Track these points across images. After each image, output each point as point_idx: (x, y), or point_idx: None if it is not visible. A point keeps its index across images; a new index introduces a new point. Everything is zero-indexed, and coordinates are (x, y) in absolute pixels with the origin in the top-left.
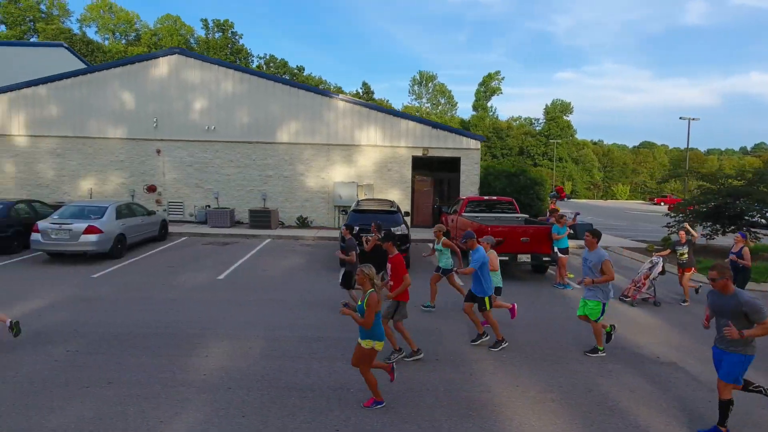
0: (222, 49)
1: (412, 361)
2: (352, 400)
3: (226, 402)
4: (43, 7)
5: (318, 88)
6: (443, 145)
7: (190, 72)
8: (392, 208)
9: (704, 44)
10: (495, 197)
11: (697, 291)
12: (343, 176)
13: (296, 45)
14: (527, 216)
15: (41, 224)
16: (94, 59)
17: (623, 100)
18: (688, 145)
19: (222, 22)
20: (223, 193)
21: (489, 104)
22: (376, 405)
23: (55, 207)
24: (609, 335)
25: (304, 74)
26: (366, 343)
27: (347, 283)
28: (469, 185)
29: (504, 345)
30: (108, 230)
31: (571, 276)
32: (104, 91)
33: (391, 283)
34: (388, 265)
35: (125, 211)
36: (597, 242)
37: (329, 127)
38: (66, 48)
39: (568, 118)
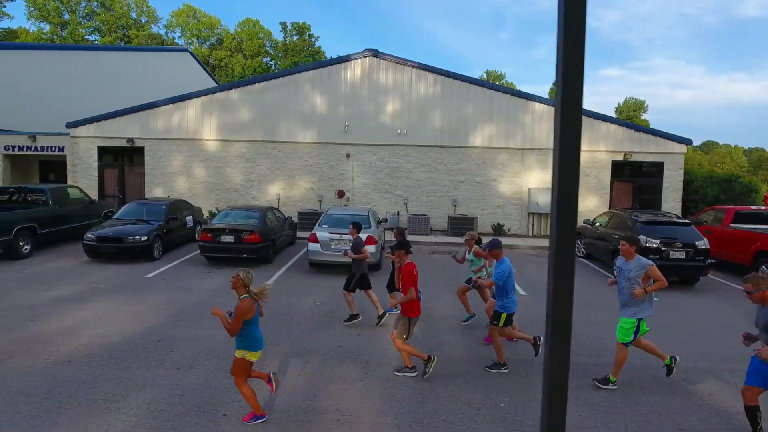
0: (300, 52)
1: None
2: None
3: None
4: (133, 14)
5: (515, 90)
6: (645, 149)
7: (383, 74)
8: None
9: (762, 36)
10: (764, 208)
11: None
12: (538, 182)
13: (355, 43)
14: None
15: (320, 234)
16: None
17: (673, 97)
18: None
19: (300, 24)
20: (412, 199)
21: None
22: (255, 420)
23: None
24: (669, 369)
25: None
26: (238, 353)
27: (364, 284)
28: (671, 192)
29: (504, 370)
30: (378, 240)
31: None
32: (296, 94)
33: (403, 294)
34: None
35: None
36: (635, 251)
37: (524, 131)
38: (190, 53)
39: (645, 118)
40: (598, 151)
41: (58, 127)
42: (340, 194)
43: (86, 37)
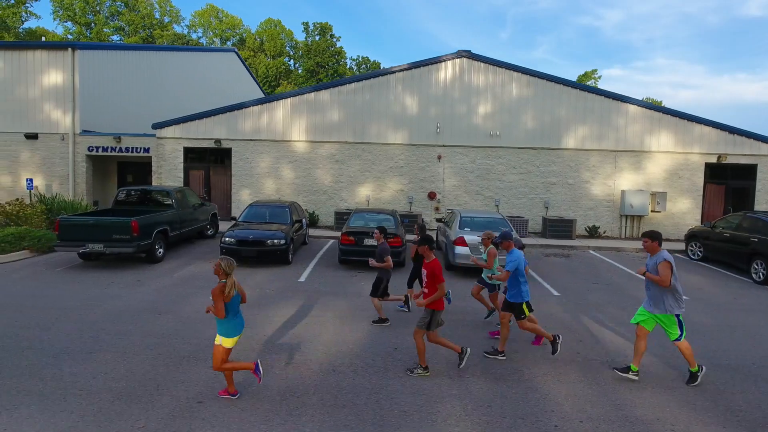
0: (324, 52)
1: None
2: None
3: None
4: (156, 14)
5: (609, 92)
6: (739, 151)
7: (475, 75)
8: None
9: (765, 36)
10: None
11: None
12: (631, 184)
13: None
14: None
15: (468, 237)
16: None
17: (676, 97)
18: None
19: (322, 24)
20: (503, 201)
21: None
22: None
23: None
24: (694, 376)
25: None
26: (216, 339)
27: (377, 291)
28: (764, 194)
29: (500, 357)
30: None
31: None
32: (386, 95)
33: (426, 290)
34: (423, 271)
35: None
36: (659, 245)
37: (617, 132)
38: (235, 53)
39: None
40: (691, 153)
41: (125, 126)
42: (432, 196)
43: (110, 37)
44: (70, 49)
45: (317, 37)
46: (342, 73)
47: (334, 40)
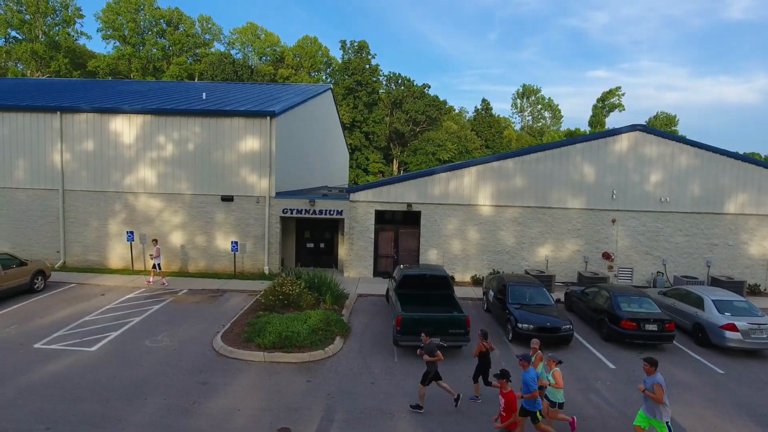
0: (362, 72)
1: None
2: None
3: None
4: (197, 29)
5: (765, 162)
6: None
7: (648, 147)
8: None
9: (746, 39)
10: None
11: None
12: None
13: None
14: None
15: (739, 323)
16: (254, 77)
17: (661, 99)
18: None
19: (359, 42)
20: (669, 260)
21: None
22: None
23: None
24: None
25: (430, 92)
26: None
27: (425, 379)
28: None
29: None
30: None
31: None
32: (566, 164)
33: (504, 414)
34: (501, 399)
35: None
36: (655, 369)
37: None
38: (330, 90)
39: (675, 129)
40: None
41: (287, 184)
42: (606, 256)
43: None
44: (268, 117)
45: (352, 56)
46: (379, 90)
47: (370, 57)
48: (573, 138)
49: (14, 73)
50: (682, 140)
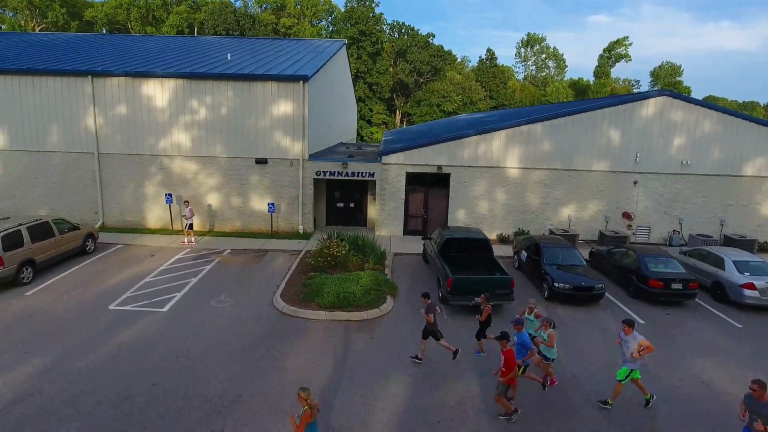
0: (366, 21)
1: None
2: None
3: None
4: None
5: None
6: None
7: (674, 112)
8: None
9: None
10: None
11: None
12: None
13: None
14: None
15: (757, 282)
16: (256, 27)
17: (660, 46)
18: None
19: None
20: (685, 219)
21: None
22: None
23: None
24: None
25: (435, 41)
26: None
27: (425, 335)
28: None
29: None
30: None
31: None
32: (593, 129)
33: (503, 369)
34: (502, 358)
35: None
36: (632, 330)
37: None
38: (344, 45)
39: (679, 79)
40: None
41: (316, 145)
42: (626, 216)
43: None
44: (301, 81)
45: (355, 3)
46: (383, 40)
47: (374, 5)
48: (600, 99)
49: (9, 24)
50: (707, 105)
